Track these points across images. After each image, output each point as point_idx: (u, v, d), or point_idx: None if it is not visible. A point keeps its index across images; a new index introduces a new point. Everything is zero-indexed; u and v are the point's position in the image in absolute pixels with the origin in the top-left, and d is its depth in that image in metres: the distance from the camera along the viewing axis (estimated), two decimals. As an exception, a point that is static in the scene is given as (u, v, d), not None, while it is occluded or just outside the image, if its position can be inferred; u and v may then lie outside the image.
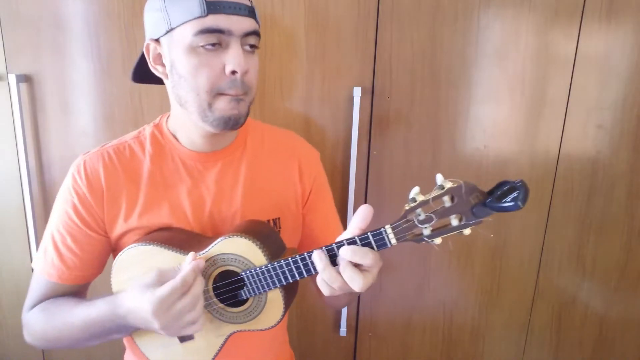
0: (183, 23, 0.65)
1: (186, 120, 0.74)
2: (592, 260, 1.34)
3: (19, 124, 1.20)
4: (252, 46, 0.69)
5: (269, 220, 0.80)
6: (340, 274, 0.59)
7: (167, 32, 0.66)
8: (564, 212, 1.30)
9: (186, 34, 0.65)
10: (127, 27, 1.17)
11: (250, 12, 0.67)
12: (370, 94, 1.22)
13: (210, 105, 0.68)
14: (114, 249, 0.78)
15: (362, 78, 1.21)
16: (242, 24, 0.65)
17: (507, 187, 0.51)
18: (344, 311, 1.35)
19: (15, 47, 1.18)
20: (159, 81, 0.75)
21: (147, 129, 0.80)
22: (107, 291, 0.73)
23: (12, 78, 1.16)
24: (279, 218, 0.81)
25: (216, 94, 0.67)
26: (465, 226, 0.54)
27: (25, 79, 1.20)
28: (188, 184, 0.76)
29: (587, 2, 1.15)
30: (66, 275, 0.75)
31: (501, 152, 1.26)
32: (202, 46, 0.65)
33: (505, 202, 0.50)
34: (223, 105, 0.68)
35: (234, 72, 0.66)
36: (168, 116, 0.80)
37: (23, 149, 1.21)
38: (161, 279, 0.64)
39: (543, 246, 1.33)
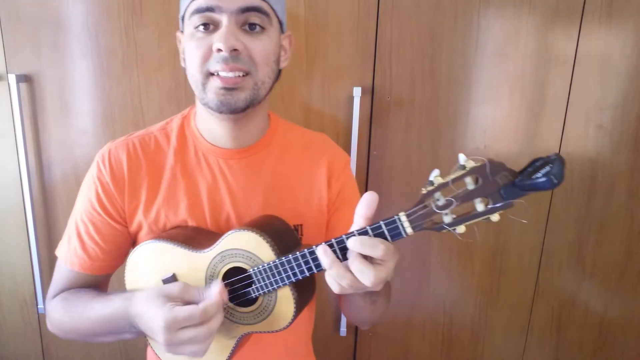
0: (185, 10, 0.67)
1: (205, 113, 0.72)
2: (592, 260, 1.34)
3: (19, 124, 1.20)
4: (253, 25, 0.65)
5: None
6: (349, 269, 0.54)
7: (182, 22, 0.69)
8: (564, 212, 1.30)
9: (187, 20, 0.67)
10: (127, 27, 1.17)
11: None
12: (370, 93, 1.22)
13: (204, 85, 0.66)
14: (133, 241, 0.77)
15: (362, 78, 1.21)
16: (233, 0, 0.63)
17: (540, 162, 0.45)
18: (344, 311, 1.35)
19: (15, 47, 1.18)
20: None
21: (175, 121, 0.78)
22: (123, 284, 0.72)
23: (12, 78, 1.16)
24: (301, 225, 0.77)
25: (207, 72, 0.66)
26: (492, 211, 0.48)
27: (25, 79, 1.20)
28: (209, 180, 0.74)
29: (587, 2, 1.15)
30: (88, 264, 0.74)
31: (501, 152, 1.26)
32: (197, 29, 0.65)
33: (537, 178, 0.44)
34: (214, 85, 0.66)
35: (219, 50, 0.63)
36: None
37: (23, 149, 1.21)
38: (184, 295, 0.61)
39: (543, 246, 1.33)
